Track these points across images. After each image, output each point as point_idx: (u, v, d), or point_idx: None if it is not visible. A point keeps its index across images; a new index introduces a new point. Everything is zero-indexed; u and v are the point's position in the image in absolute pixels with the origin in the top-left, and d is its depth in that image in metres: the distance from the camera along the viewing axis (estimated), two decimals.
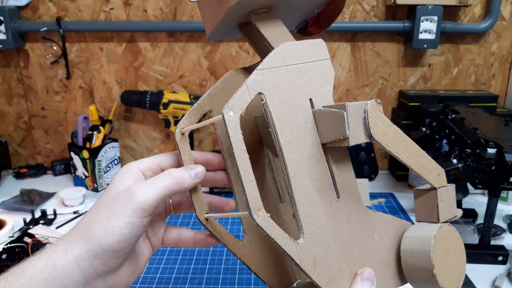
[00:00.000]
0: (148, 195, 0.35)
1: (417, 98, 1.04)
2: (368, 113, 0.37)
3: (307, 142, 0.38)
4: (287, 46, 0.38)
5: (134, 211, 0.34)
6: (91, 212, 0.36)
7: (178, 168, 0.38)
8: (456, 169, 0.68)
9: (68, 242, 0.35)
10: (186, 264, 0.73)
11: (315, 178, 0.38)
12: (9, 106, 1.14)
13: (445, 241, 0.40)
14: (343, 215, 0.39)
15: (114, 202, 0.35)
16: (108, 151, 1.06)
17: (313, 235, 0.36)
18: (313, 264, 0.36)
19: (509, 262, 0.73)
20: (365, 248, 0.40)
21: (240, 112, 0.34)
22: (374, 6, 1.06)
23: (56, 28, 1.04)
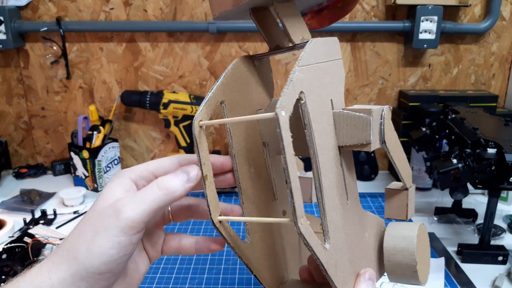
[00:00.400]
0: (136, 210, 0.31)
1: (417, 98, 1.04)
2: (385, 119, 0.37)
3: (330, 145, 0.37)
4: (317, 42, 0.36)
5: (120, 229, 0.31)
6: (76, 230, 0.33)
7: (168, 174, 0.35)
8: (456, 169, 0.68)
9: (52, 264, 0.32)
10: (186, 264, 0.73)
11: (335, 181, 0.37)
12: (9, 106, 1.14)
13: (421, 238, 0.42)
14: (350, 217, 0.39)
15: (99, 219, 0.32)
16: (108, 151, 1.06)
17: (334, 240, 0.36)
18: (335, 269, 0.35)
19: (509, 262, 0.73)
20: (362, 248, 0.40)
21: (289, 112, 0.31)
22: (374, 6, 1.06)
23: (56, 28, 1.04)
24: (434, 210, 0.91)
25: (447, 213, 0.89)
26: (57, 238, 0.79)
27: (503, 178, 0.65)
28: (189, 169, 0.35)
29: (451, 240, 0.81)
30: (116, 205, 0.32)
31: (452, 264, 0.73)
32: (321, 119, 0.35)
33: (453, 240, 0.81)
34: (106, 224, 0.31)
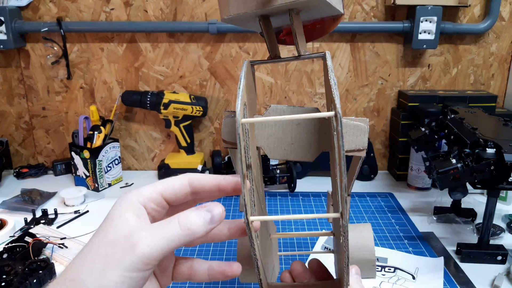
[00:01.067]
0: (153, 247, 0.29)
1: (417, 98, 1.04)
2: (368, 129, 0.42)
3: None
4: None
5: (134, 265, 0.29)
6: (82, 258, 0.30)
7: (191, 211, 0.32)
8: (455, 169, 0.68)
9: None
10: None
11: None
12: (10, 106, 1.14)
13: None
14: None
15: (111, 250, 0.29)
16: (109, 151, 1.06)
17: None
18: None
19: (508, 261, 0.73)
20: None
21: None
22: (374, 7, 1.06)
23: (57, 29, 1.05)
24: (433, 210, 0.91)
25: (446, 213, 0.89)
26: (58, 238, 0.79)
27: (502, 178, 0.66)
28: (213, 208, 0.33)
29: (450, 239, 0.81)
30: (132, 238, 0.30)
31: (451, 263, 0.74)
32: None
33: (452, 239, 0.81)
34: (119, 257, 0.29)
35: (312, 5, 0.42)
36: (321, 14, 0.45)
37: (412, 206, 0.96)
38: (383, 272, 0.70)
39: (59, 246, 0.77)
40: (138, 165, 1.20)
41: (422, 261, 0.73)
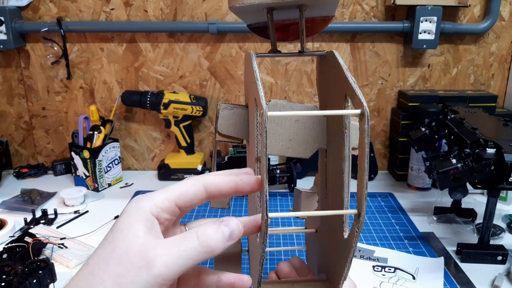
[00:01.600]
0: (171, 267, 0.27)
1: (417, 98, 1.04)
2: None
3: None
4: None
5: (149, 286, 0.27)
6: (88, 274, 0.27)
7: (209, 226, 0.30)
8: (456, 169, 0.68)
9: None
10: None
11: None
12: (10, 106, 1.14)
13: None
14: None
15: (124, 268, 0.27)
16: (109, 151, 1.06)
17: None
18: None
19: (508, 261, 0.73)
20: None
21: None
22: (374, 7, 1.06)
23: (57, 29, 1.05)
24: (434, 210, 0.91)
25: (447, 213, 0.89)
26: (58, 238, 0.79)
27: (502, 178, 0.66)
28: (232, 223, 0.31)
29: (451, 239, 0.81)
30: (147, 256, 0.27)
31: (452, 263, 0.74)
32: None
33: (452, 239, 0.81)
34: (132, 277, 0.26)
35: (322, 2, 0.41)
36: (315, 13, 0.45)
37: (412, 206, 0.96)
38: (383, 272, 0.70)
39: (59, 246, 0.77)
40: (138, 165, 1.20)
41: (422, 261, 0.73)
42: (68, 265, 0.72)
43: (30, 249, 0.72)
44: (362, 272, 0.70)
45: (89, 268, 0.28)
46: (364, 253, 0.76)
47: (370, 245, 0.78)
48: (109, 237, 0.29)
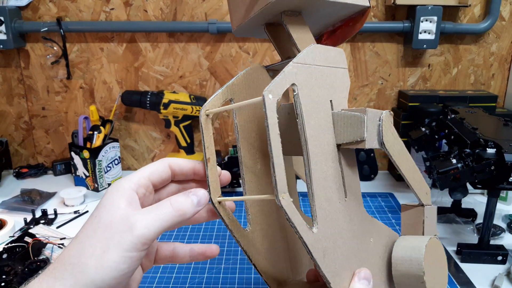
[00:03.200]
0: (150, 228, 0.32)
1: (417, 98, 1.04)
2: (383, 121, 0.39)
3: (326, 140, 0.40)
4: (316, 47, 0.40)
5: (134, 245, 0.31)
6: (79, 244, 0.32)
7: (180, 195, 0.35)
8: (456, 169, 0.68)
9: (55, 279, 0.31)
10: (186, 264, 0.73)
11: (330, 174, 0.39)
12: (9, 106, 1.14)
13: (433, 252, 0.42)
14: (348, 214, 0.41)
15: (109, 233, 0.31)
16: (109, 151, 1.06)
17: (325, 228, 0.38)
18: (322, 255, 0.37)
19: (508, 261, 0.73)
20: (362, 250, 0.41)
21: (277, 98, 0.35)
22: (374, 7, 1.06)
23: (57, 28, 1.04)
24: None
25: (447, 213, 0.89)
26: (58, 238, 0.79)
27: (502, 178, 0.66)
28: (199, 193, 0.36)
29: (451, 239, 0.81)
30: (130, 220, 0.32)
31: (452, 263, 0.73)
32: (316, 114, 0.39)
33: (452, 239, 0.81)
34: (118, 239, 0.31)
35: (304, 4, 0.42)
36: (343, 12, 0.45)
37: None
38: None
39: (58, 246, 0.76)
40: (138, 165, 1.20)
41: None
42: None
43: (30, 249, 0.72)
44: None
45: (78, 239, 0.32)
46: None
47: None
48: (94, 213, 0.33)
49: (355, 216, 0.41)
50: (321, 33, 0.49)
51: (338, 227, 0.39)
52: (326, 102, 0.40)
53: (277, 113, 0.36)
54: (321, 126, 0.39)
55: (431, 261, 0.42)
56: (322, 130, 0.39)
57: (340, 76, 0.42)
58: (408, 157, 0.44)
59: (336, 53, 0.42)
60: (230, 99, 0.41)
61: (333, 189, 0.39)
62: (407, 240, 0.44)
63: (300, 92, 0.37)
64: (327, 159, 0.39)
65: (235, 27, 0.46)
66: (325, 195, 0.38)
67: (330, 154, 0.40)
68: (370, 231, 0.42)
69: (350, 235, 0.40)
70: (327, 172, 0.39)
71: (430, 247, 0.41)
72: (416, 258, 0.41)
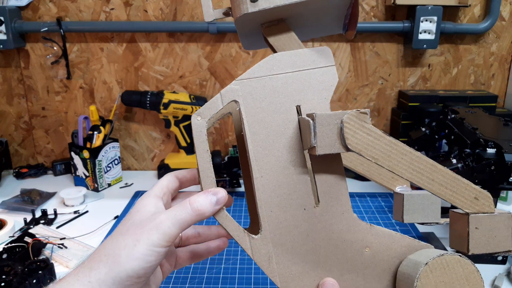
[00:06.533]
0: (172, 227, 0.36)
1: (417, 98, 1.04)
2: (344, 124, 0.36)
3: (285, 147, 0.40)
4: (276, 56, 0.40)
5: (159, 241, 0.35)
6: (113, 239, 0.37)
7: (199, 195, 0.38)
8: (456, 169, 0.68)
9: (91, 269, 0.35)
10: None
11: (287, 181, 0.39)
12: (9, 106, 1.14)
13: (443, 271, 0.38)
14: (320, 221, 0.40)
15: (140, 230, 0.36)
16: (109, 151, 1.06)
17: (275, 234, 0.39)
18: (267, 260, 0.39)
19: (508, 261, 0.73)
20: (347, 259, 0.40)
21: (207, 118, 0.40)
22: (374, 7, 1.06)
23: (57, 28, 1.04)
24: None
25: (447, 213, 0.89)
26: (58, 238, 0.79)
27: (502, 178, 0.66)
28: (217, 191, 0.39)
29: None
30: (156, 221, 0.36)
31: None
32: (271, 123, 0.40)
33: None
34: (146, 235, 0.35)
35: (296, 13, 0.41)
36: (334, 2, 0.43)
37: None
38: None
39: (58, 246, 0.76)
40: (137, 165, 1.20)
41: None
42: (68, 265, 0.72)
43: (30, 249, 0.72)
44: None
45: (113, 236, 0.37)
46: None
47: None
48: (128, 216, 0.39)
49: (333, 223, 0.40)
50: (345, 24, 0.46)
51: (298, 234, 0.39)
52: (290, 108, 0.40)
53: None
54: (279, 134, 0.40)
55: (438, 281, 0.38)
56: (280, 138, 0.39)
57: (317, 76, 0.40)
58: (416, 158, 0.39)
59: (313, 53, 0.41)
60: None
61: (292, 196, 0.39)
62: (420, 254, 0.40)
63: (243, 107, 0.39)
64: (286, 166, 0.39)
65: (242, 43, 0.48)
66: (278, 202, 0.39)
67: (292, 161, 0.39)
68: (365, 240, 0.40)
69: (322, 243, 0.39)
70: (281, 180, 0.39)
71: (436, 266, 0.38)
72: (411, 276, 0.38)
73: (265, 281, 0.68)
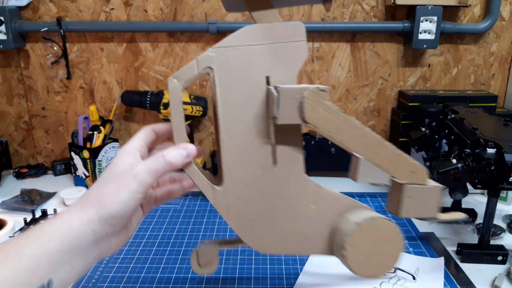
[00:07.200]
0: (147, 176, 0.43)
1: (417, 98, 1.04)
2: (306, 99, 0.40)
3: (252, 113, 0.44)
4: (253, 28, 0.44)
5: (137, 187, 0.42)
6: (99, 186, 0.43)
7: (171, 148, 0.44)
8: (456, 169, 0.68)
9: (81, 209, 0.41)
10: (187, 264, 0.73)
11: (250, 144, 0.45)
12: (9, 106, 1.14)
13: (372, 232, 0.45)
14: (275, 179, 0.46)
15: (121, 179, 0.42)
16: (109, 151, 1.06)
17: (235, 188, 0.45)
18: (226, 209, 0.46)
19: (508, 261, 0.73)
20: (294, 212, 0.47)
21: (183, 81, 0.44)
22: (374, 7, 1.06)
23: (57, 28, 1.04)
24: None
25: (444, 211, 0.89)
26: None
27: (502, 178, 0.66)
28: (187, 146, 0.45)
29: (451, 239, 0.81)
30: (133, 171, 0.43)
31: (452, 264, 0.73)
32: (242, 91, 0.44)
33: (452, 239, 0.81)
34: (126, 183, 0.42)
35: None
36: None
37: None
38: None
39: None
40: None
41: (423, 262, 0.73)
42: None
43: None
44: None
45: (98, 184, 0.43)
46: None
47: None
48: (109, 167, 0.44)
49: (288, 182, 0.46)
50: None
51: (255, 189, 0.45)
52: (260, 78, 0.44)
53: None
54: (247, 102, 0.44)
55: (367, 240, 0.45)
56: (248, 105, 0.44)
57: (290, 50, 0.44)
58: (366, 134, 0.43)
59: (288, 27, 0.43)
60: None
61: (254, 157, 0.45)
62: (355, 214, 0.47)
63: (217, 74, 0.44)
64: (250, 130, 0.44)
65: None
66: (241, 161, 0.45)
67: (256, 126, 0.44)
68: (311, 198, 0.47)
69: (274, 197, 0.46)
70: (245, 143, 0.44)
71: (366, 227, 0.44)
72: (345, 232, 0.45)
73: (265, 281, 0.68)
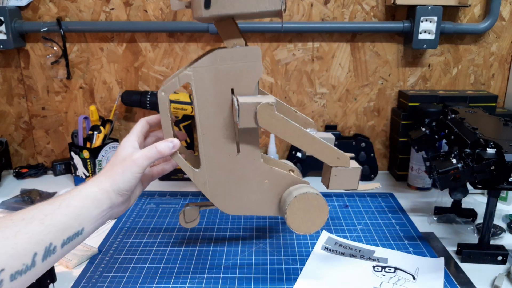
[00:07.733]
0: (143, 161, 0.59)
1: (417, 98, 1.04)
2: (258, 110, 0.57)
3: (222, 116, 0.61)
4: (220, 52, 0.59)
5: (137, 168, 0.58)
6: (110, 166, 0.59)
7: (161, 141, 0.61)
8: (456, 169, 0.68)
9: (100, 182, 0.56)
10: (187, 264, 0.73)
11: (219, 138, 0.62)
12: (9, 106, 1.14)
13: (305, 201, 0.61)
14: (238, 163, 0.64)
15: (124, 163, 0.58)
16: (109, 151, 1.06)
17: (209, 169, 0.64)
18: (203, 184, 0.65)
19: (508, 261, 0.73)
20: (253, 186, 0.65)
21: (169, 93, 0.61)
22: (374, 7, 1.06)
23: (57, 28, 1.04)
24: (434, 210, 0.91)
25: (447, 213, 0.89)
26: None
27: (502, 178, 0.66)
28: (174, 140, 0.62)
29: (451, 240, 0.81)
30: (133, 157, 0.59)
31: (452, 264, 0.74)
32: (213, 99, 0.60)
33: (452, 240, 0.81)
34: (128, 166, 0.58)
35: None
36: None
37: (413, 206, 0.96)
38: (384, 273, 0.70)
39: None
40: None
41: (423, 262, 0.73)
42: (68, 265, 0.72)
43: None
44: (362, 272, 0.70)
45: (108, 166, 0.59)
46: (364, 253, 0.76)
47: (370, 245, 0.78)
48: (116, 153, 0.60)
49: (248, 165, 0.64)
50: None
51: (224, 170, 0.64)
52: (227, 90, 0.60)
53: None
54: (218, 108, 0.60)
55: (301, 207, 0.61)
56: (219, 110, 0.61)
57: (248, 69, 0.59)
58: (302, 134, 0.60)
59: (247, 51, 0.59)
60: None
61: (223, 147, 0.62)
62: (296, 188, 0.63)
63: (194, 87, 0.60)
64: (221, 128, 0.62)
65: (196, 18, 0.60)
66: (213, 151, 0.63)
67: (225, 126, 0.62)
68: (265, 176, 0.65)
69: (238, 176, 0.64)
70: (216, 137, 0.62)
71: (301, 198, 0.61)
72: (286, 202, 0.62)
73: (265, 281, 0.68)
